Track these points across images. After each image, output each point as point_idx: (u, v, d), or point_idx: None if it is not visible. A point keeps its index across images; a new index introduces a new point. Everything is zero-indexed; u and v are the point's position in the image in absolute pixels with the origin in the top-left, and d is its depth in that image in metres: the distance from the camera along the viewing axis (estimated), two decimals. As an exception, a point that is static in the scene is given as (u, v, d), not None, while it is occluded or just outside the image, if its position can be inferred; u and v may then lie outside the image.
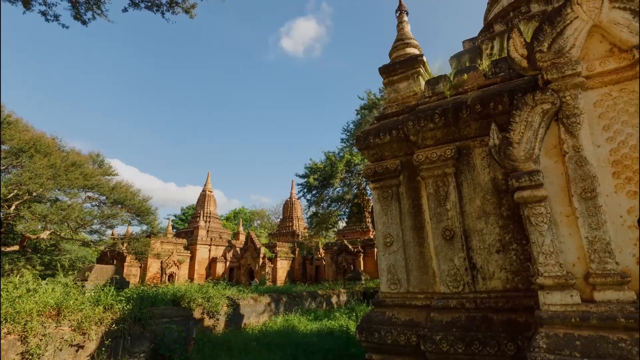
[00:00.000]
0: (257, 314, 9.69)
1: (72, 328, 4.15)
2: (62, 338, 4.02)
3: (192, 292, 7.77)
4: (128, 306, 4.80)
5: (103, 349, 4.31)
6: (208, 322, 7.82)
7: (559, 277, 2.41)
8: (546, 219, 2.54)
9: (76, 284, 5.12)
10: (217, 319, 8.08)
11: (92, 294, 5.23)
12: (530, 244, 2.59)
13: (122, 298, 4.94)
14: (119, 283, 5.63)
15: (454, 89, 3.88)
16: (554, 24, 2.82)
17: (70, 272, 29.43)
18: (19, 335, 3.72)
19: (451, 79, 4.02)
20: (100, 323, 4.40)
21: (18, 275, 4.61)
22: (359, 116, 19.88)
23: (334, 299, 13.89)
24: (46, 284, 4.46)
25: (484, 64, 3.95)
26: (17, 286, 4.21)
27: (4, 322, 3.67)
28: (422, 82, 4.52)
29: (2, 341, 3.56)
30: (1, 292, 4.09)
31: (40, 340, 3.83)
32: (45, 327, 3.92)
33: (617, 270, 2.30)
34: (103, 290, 4.99)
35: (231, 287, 10.91)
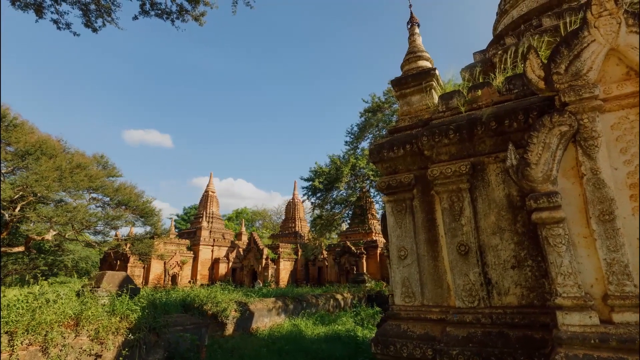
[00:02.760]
0: (264, 318, 9.77)
1: (91, 338, 4.22)
2: (81, 348, 4.09)
3: (202, 298, 7.85)
4: (143, 315, 4.88)
5: (120, 358, 4.39)
6: (217, 327, 7.90)
7: (577, 298, 2.46)
8: (564, 240, 2.59)
9: (93, 293, 5.19)
10: (226, 324, 8.15)
11: (107, 301, 5.31)
12: (548, 264, 2.64)
13: (137, 307, 5.02)
14: (132, 291, 5.71)
15: (468, 104, 3.93)
16: (571, 47, 2.87)
17: (73, 273, 29.64)
18: (40, 346, 3.80)
19: (465, 93, 4.07)
20: (117, 333, 4.48)
21: (39, 286, 4.70)
22: (362, 118, 19.98)
23: (339, 302, 13.96)
24: (64, 294, 4.54)
25: (498, 79, 4.00)
26: (37, 297, 4.29)
27: (25, 333, 3.75)
28: (435, 96, 4.57)
29: (24, 352, 3.63)
30: (19, 302, 4.17)
31: (61, 350, 3.90)
32: (64, 338, 4.00)
33: (636, 292, 2.35)
34: (119, 298, 5.08)
35: (238, 291, 10.98)
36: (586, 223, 2.61)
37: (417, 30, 5.18)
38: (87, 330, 4.24)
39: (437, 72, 4.58)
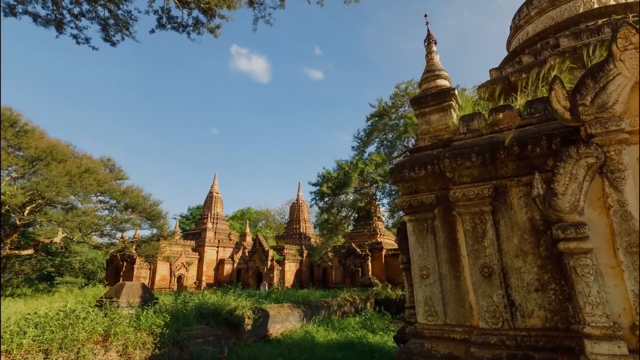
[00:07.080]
0: (276, 324, 9.90)
1: (119, 354, 4.35)
2: (111, 364, 4.21)
3: (217, 305, 7.98)
4: (167, 330, 4.99)
5: (147, 372, 4.51)
6: (232, 334, 8.01)
7: (606, 328, 2.54)
8: (592, 271, 2.67)
9: (119, 306, 5.31)
10: (241, 331, 8.28)
11: (126, 312, 5.43)
12: (576, 293, 2.73)
13: (161, 322, 5.13)
14: (153, 303, 5.83)
15: (489, 127, 4.00)
16: (597, 79, 2.95)
17: (80, 274, 29.90)
18: (72, 363, 3.92)
19: (485, 115, 4.15)
20: (143, 347, 4.60)
21: (66, 301, 4.82)
22: (369, 123, 20.09)
23: (347, 306, 14.08)
24: (95, 313, 4.65)
25: (518, 102, 4.07)
26: (68, 314, 4.41)
27: (59, 350, 3.87)
28: (454, 115, 4.65)
29: (59, 370, 3.76)
30: (51, 320, 4.29)
31: (92, 367, 4.02)
32: (95, 355, 4.12)
33: (664, 324, 2.43)
34: (143, 313, 5.20)
35: (250, 297, 11.11)
36: (613, 254, 2.69)
37: (434, 48, 5.24)
38: (116, 346, 4.36)
39: (456, 91, 4.65)
